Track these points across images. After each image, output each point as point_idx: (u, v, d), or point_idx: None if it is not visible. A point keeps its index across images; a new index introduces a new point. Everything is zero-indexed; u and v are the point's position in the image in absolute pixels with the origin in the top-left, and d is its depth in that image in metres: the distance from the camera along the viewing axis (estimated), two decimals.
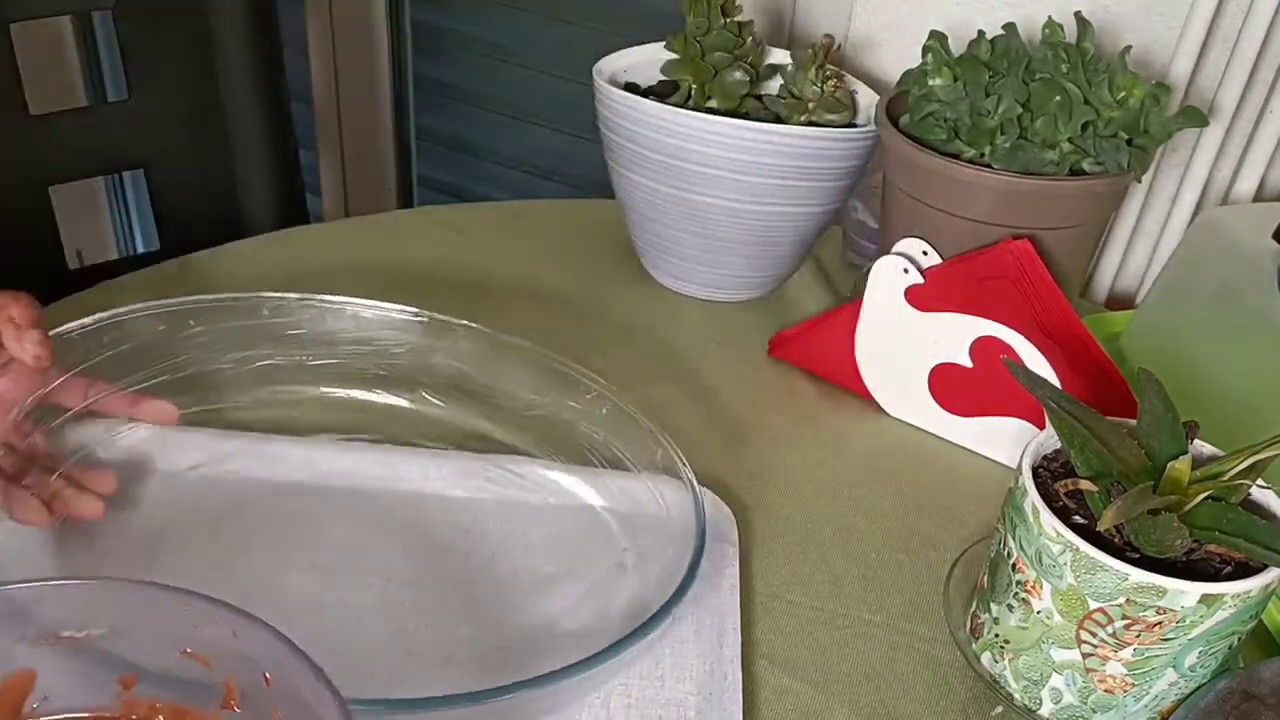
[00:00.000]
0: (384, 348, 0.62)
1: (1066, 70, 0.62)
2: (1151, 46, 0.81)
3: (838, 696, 0.52)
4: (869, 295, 0.66)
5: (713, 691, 0.50)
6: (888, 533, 0.61)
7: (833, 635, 0.55)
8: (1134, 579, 0.44)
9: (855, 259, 0.85)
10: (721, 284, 0.78)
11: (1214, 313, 0.69)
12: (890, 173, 0.67)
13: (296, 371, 0.62)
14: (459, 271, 0.76)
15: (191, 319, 0.60)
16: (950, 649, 0.55)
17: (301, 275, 0.77)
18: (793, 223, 0.74)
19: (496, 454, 0.61)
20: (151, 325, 0.59)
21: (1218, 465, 0.47)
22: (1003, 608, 0.50)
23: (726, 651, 0.52)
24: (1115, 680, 0.47)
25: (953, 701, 0.52)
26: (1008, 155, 0.61)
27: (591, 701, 0.49)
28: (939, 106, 0.63)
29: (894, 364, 0.67)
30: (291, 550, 0.55)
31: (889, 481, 0.65)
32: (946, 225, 0.64)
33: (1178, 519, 0.45)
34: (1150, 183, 0.85)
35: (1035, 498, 0.47)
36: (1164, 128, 0.62)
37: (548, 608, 0.54)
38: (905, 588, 0.58)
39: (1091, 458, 0.48)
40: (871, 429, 0.69)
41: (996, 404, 0.65)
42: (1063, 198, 0.62)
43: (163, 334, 0.59)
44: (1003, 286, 0.61)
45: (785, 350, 0.73)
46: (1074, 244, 0.65)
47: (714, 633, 0.53)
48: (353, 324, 0.63)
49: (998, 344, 0.63)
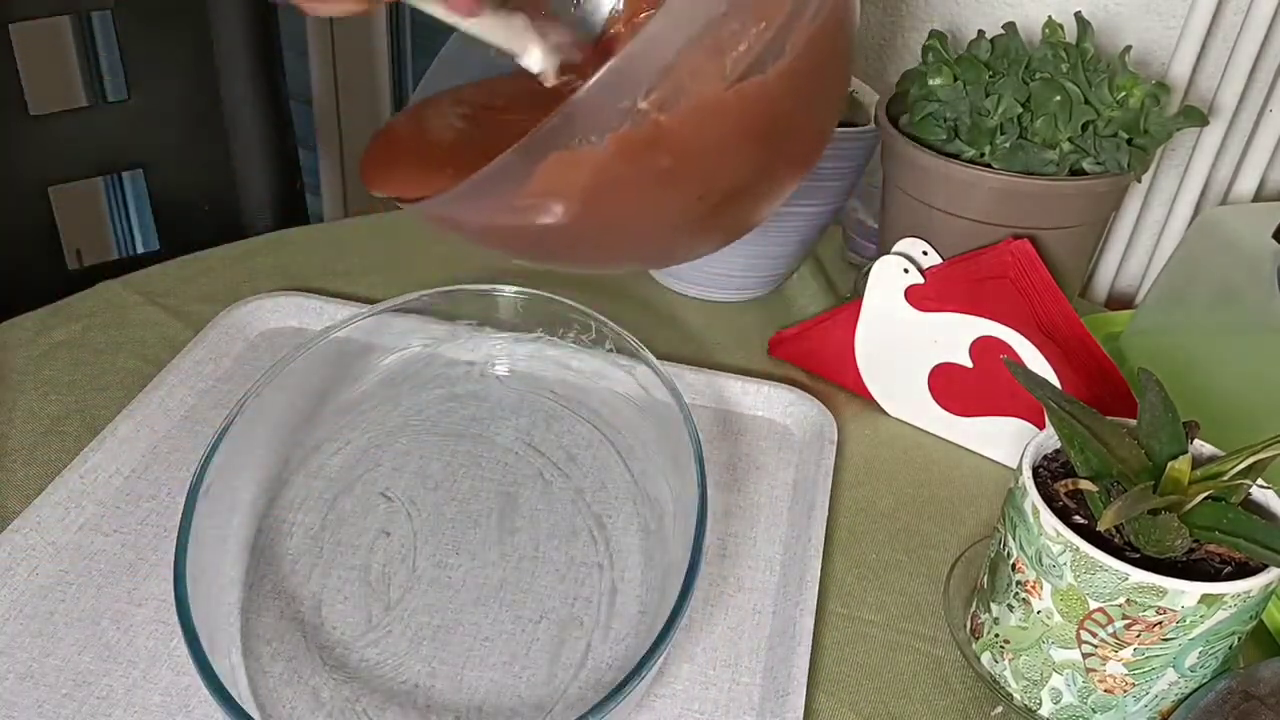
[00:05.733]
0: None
1: (1066, 70, 0.62)
2: (1151, 46, 0.81)
3: (837, 696, 0.52)
4: (869, 295, 0.66)
5: (796, 553, 0.57)
6: (888, 533, 0.61)
7: (832, 635, 0.55)
8: (1134, 579, 0.44)
9: (855, 259, 0.85)
10: (721, 284, 0.78)
11: (1214, 312, 0.69)
12: (890, 173, 0.67)
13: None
14: (459, 271, 0.76)
15: None
16: (950, 649, 0.55)
17: (301, 275, 0.77)
18: (793, 223, 0.74)
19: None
20: None
21: (1218, 465, 0.47)
22: (1003, 608, 0.50)
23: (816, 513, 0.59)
24: (1115, 680, 0.47)
25: (953, 701, 0.52)
26: (1008, 155, 0.61)
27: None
28: (939, 106, 0.63)
29: (894, 364, 0.67)
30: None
31: (889, 481, 0.65)
32: (946, 225, 0.64)
33: (1178, 519, 0.45)
34: (1150, 183, 0.85)
35: (1035, 498, 0.47)
36: (1164, 128, 0.62)
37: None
38: (905, 588, 0.58)
39: (1091, 458, 0.48)
40: (871, 429, 0.69)
41: (996, 404, 0.65)
42: (1063, 198, 0.62)
43: None
44: (1003, 286, 0.61)
45: (785, 350, 0.73)
46: (1074, 244, 0.65)
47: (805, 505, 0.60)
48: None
49: (998, 344, 0.63)
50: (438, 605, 0.54)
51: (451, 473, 0.61)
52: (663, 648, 0.45)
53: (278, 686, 0.49)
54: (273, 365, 0.57)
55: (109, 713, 0.48)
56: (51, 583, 0.53)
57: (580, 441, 0.64)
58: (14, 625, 0.51)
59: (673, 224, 0.46)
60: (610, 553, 0.57)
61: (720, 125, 0.41)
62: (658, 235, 0.48)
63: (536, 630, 0.53)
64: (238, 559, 0.55)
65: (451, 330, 0.68)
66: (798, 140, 0.47)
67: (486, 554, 0.56)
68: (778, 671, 0.51)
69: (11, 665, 0.49)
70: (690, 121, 0.40)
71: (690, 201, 0.45)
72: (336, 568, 0.55)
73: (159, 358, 0.68)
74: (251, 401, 0.55)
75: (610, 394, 0.65)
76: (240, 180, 0.90)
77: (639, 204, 0.44)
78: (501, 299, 0.66)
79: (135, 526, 0.56)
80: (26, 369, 0.67)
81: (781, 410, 0.68)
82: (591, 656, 0.52)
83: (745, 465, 0.64)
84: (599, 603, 0.54)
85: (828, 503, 0.60)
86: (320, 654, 0.51)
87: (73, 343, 0.69)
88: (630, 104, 0.39)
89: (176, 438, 0.62)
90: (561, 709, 0.49)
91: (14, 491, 0.58)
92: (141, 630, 0.51)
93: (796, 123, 0.46)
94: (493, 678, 0.50)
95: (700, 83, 0.39)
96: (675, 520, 0.57)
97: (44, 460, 0.60)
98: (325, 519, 0.58)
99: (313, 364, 0.60)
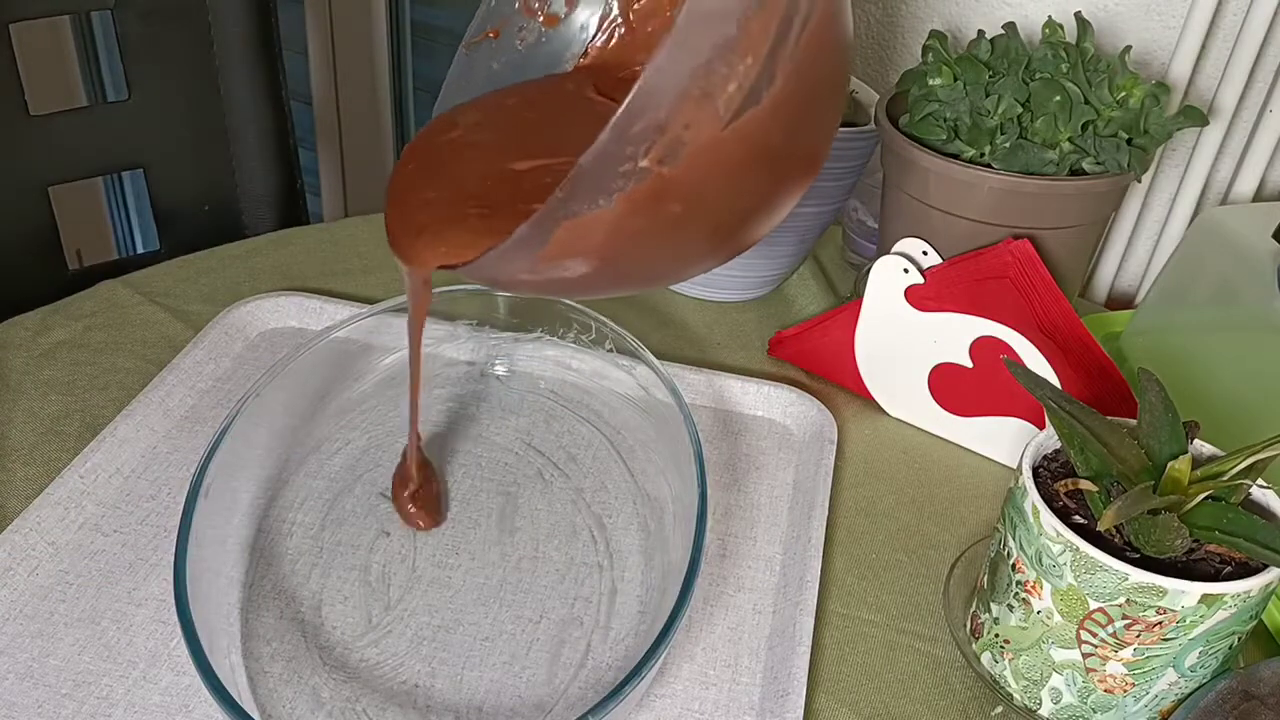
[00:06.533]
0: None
1: (1066, 70, 0.62)
2: (1151, 46, 0.81)
3: (837, 696, 0.52)
4: (869, 295, 0.66)
5: (796, 552, 0.57)
6: (888, 533, 0.61)
7: (832, 635, 0.55)
8: (1134, 579, 0.44)
9: (855, 259, 0.85)
10: (721, 284, 0.78)
11: (1214, 312, 0.69)
12: (890, 173, 0.67)
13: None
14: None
15: None
16: (950, 649, 0.55)
17: (301, 275, 0.77)
18: (793, 223, 0.74)
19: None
20: None
21: (1218, 465, 0.47)
22: (1003, 608, 0.50)
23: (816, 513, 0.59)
24: (1115, 680, 0.47)
25: (953, 701, 0.52)
26: (1008, 155, 0.61)
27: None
28: (939, 106, 0.63)
29: (894, 364, 0.67)
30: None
31: (889, 481, 0.65)
32: (946, 225, 0.64)
33: (1178, 519, 0.45)
34: (1150, 183, 0.85)
35: (1035, 498, 0.47)
36: (1164, 128, 0.62)
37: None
38: (905, 588, 0.58)
39: (1091, 458, 0.48)
40: (871, 429, 0.69)
41: (996, 404, 0.65)
42: (1063, 198, 0.62)
43: None
44: (1003, 286, 0.61)
45: (785, 350, 0.73)
46: (1074, 244, 0.65)
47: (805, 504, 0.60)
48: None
49: (998, 344, 0.63)
50: (438, 605, 0.54)
51: (451, 473, 0.61)
52: (663, 648, 0.45)
53: (278, 686, 0.49)
54: (273, 365, 0.57)
55: (109, 713, 0.48)
56: (51, 583, 0.53)
57: (580, 441, 0.64)
58: (14, 625, 0.51)
59: (690, 256, 0.47)
60: (610, 553, 0.57)
61: (725, 164, 0.42)
62: (677, 266, 0.49)
63: (536, 630, 0.53)
64: (238, 559, 0.55)
65: (451, 330, 0.68)
66: (803, 154, 0.47)
67: (486, 554, 0.56)
68: (778, 671, 0.51)
69: (11, 665, 0.49)
70: (694, 168, 0.40)
71: (705, 234, 0.45)
72: (336, 568, 0.55)
73: (159, 358, 0.68)
74: (251, 401, 0.55)
75: (610, 394, 0.65)
76: (240, 180, 0.90)
77: (656, 248, 0.44)
78: (501, 299, 0.66)
79: (135, 526, 0.56)
80: (26, 369, 0.67)
81: (781, 410, 0.68)
82: (591, 656, 0.52)
83: (745, 465, 0.64)
84: (599, 603, 0.54)
85: (828, 503, 0.60)
86: (320, 654, 0.51)
87: (73, 343, 0.69)
88: (631, 166, 0.39)
89: (176, 438, 0.62)
90: (561, 709, 0.49)
91: (14, 491, 0.58)
92: (141, 630, 0.51)
93: (800, 139, 0.46)
94: (493, 678, 0.50)
95: (697, 130, 0.40)
96: (675, 520, 0.57)
97: (44, 460, 0.60)
98: (325, 519, 0.58)
99: (313, 364, 0.60)
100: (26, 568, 0.53)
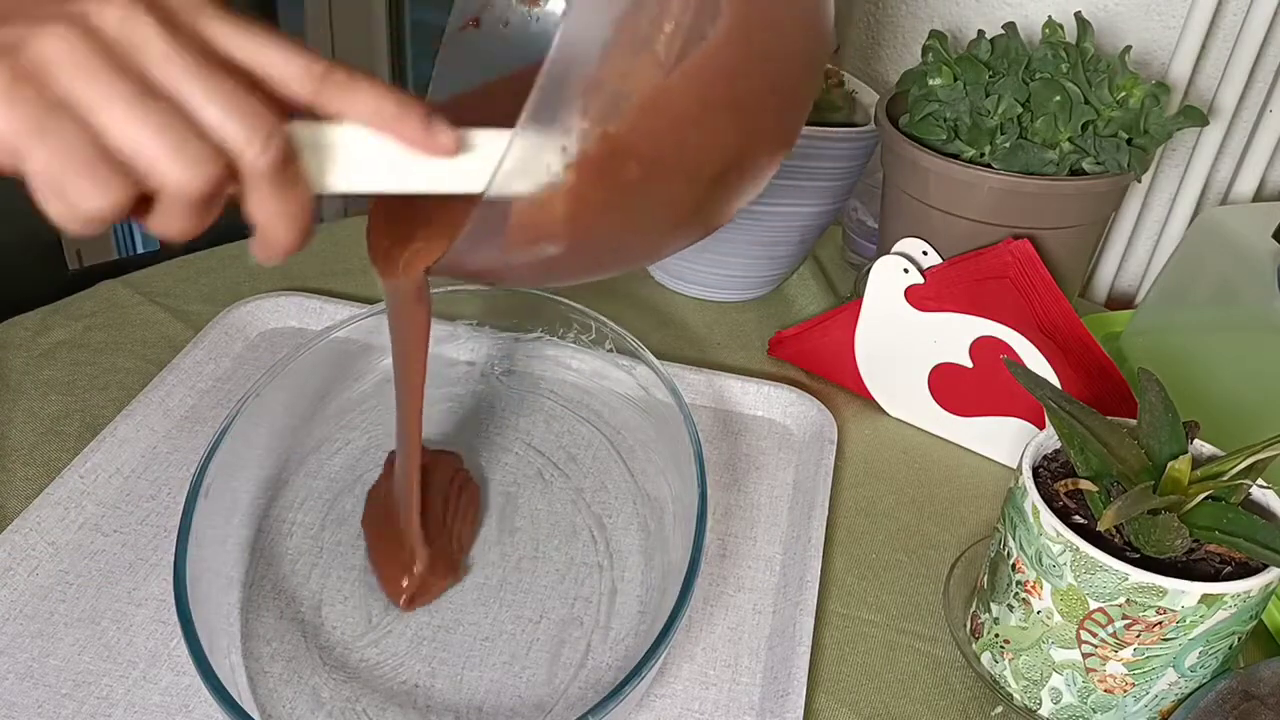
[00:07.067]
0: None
1: (1066, 70, 0.62)
2: (1151, 46, 0.81)
3: (837, 696, 0.52)
4: (869, 295, 0.66)
5: (796, 552, 0.57)
6: (888, 533, 0.61)
7: (832, 635, 0.55)
8: (1134, 579, 0.44)
9: (855, 259, 0.85)
10: (721, 284, 0.78)
11: (1214, 312, 0.69)
12: (890, 173, 0.67)
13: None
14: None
15: None
16: (950, 649, 0.55)
17: (301, 275, 0.77)
18: (793, 223, 0.74)
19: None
20: None
21: (1218, 465, 0.47)
22: (1003, 608, 0.50)
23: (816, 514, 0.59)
24: (1115, 680, 0.47)
25: (953, 701, 0.52)
26: (1008, 155, 0.61)
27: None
28: (939, 106, 0.63)
29: (894, 364, 0.67)
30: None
31: (889, 481, 0.65)
32: (946, 225, 0.64)
33: (1178, 519, 0.45)
34: (1150, 183, 0.85)
35: (1035, 498, 0.47)
36: (1164, 128, 0.62)
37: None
38: (905, 588, 0.58)
39: (1091, 458, 0.48)
40: (871, 429, 0.69)
41: (996, 404, 0.65)
42: (1063, 198, 0.62)
43: None
44: (1003, 286, 0.61)
45: (785, 350, 0.73)
46: (1074, 244, 0.65)
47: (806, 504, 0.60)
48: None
49: (998, 344, 0.63)
50: (438, 605, 0.54)
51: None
52: (663, 648, 0.45)
53: (278, 686, 0.49)
54: (273, 365, 0.57)
55: (109, 713, 0.48)
56: (51, 583, 0.53)
57: (580, 441, 0.64)
58: (14, 625, 0.51)
59: (664, 227, 0.44)
60: (610, 553, 0.57)
61: (677, 115, 0.38)
62: (654, 239, 0.45)
63: (536, 630, 0.53)
64: (238, 559, 0.55)
65: (451, 330, 0.68)
66: (771, 96, 0.42)
67: (486, 554, 0.56)
68: (778, 671, 0.51)
69: (11, 665, 0.49)
70: (643, 123, 0.37)
71: (674, 200, 0.42)
72: (336, 568, 0.55)
73: (159, 358, 0.68)
74: (251, 401, 0.55)
75: (610, 394, 0.65)
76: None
77: (628, 215, 0.41)
78: (502, 299, 0.66)
79: (135, 526, 0.56)
80: (26, 369, 0.67)
81: (781, 410, 0.68)
82: (591, 656, 0.52)
83: (745, 465, 0.64)
84: (599, 603, 0.54)
85: (828, 503, 0.60)
86: (320, 654, 0.51)
87: (73, 343, 0.69)
88: (568, 131, 0.36)
89: (176, 438, 0.62)
90: (561, 709, 0.49)
91: (14, 491, 0.58)
92: (141, 630, 0.51)
93: (764, 78, 0.41)
94: (493, 678, 0.50)
95: (637, 80, 0.36)
96: (675, 520, 0.57)
97: (44, 460, 0.60)
98: (325, 519, 0.58)
99: (313, 364, 0.60)
100: (26, 568, 0.53)
